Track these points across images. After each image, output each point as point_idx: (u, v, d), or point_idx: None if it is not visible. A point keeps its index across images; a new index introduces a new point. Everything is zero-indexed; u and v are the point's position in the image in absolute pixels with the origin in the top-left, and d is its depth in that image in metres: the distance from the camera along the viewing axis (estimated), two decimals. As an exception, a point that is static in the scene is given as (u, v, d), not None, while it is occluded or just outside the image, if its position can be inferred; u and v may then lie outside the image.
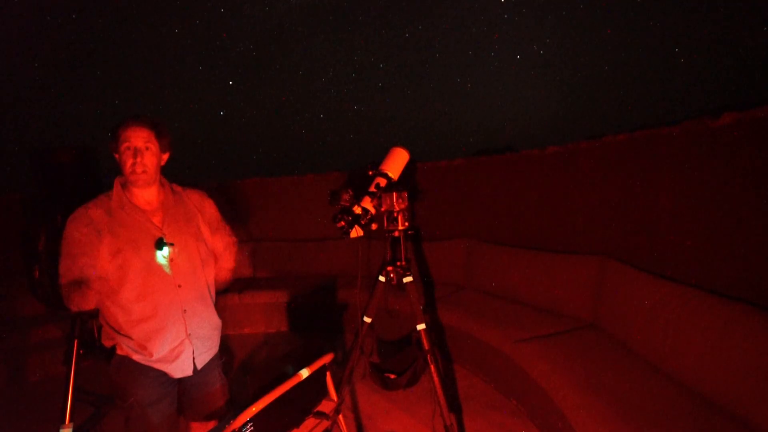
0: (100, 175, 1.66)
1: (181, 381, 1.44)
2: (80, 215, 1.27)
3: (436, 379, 1.70)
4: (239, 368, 3.07)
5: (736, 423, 1.42)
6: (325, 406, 1.68)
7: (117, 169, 1.35)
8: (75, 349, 1.52)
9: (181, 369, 1.39)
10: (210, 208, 1.55)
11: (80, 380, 1.51)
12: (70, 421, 1.44)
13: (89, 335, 1.57)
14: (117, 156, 1.30)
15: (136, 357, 1.33)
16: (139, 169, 1.29)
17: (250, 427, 1.25)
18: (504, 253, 3.12)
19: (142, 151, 1.29)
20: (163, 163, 1.39)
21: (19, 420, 2.45)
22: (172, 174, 1.49)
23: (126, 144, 1.27)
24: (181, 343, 1.37)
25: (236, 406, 1.57)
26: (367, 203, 1.74)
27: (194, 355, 1.42)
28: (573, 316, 2.54)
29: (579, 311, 2.52)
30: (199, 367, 1.44)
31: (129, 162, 1.28)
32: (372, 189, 1.77)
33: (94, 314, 1.51)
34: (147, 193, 1.37)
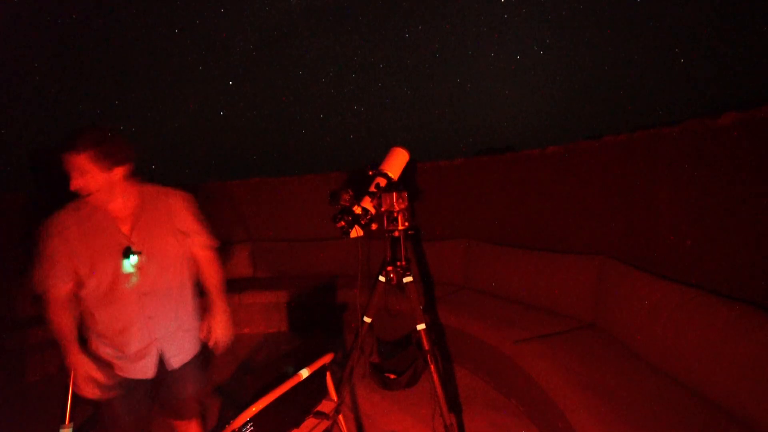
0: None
1: (154, 379, 1.43)
2: (52, 224, 1.29)
3: (436, 379, 1.70)
4: (239, 368, 3.06)
5: (736, 423, 1.42)
6: (325, 406, 1.68)
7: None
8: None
9: (141, 371, 1.38)
10: (185, 212, 1.49)
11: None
12: (70, 421, 1.44)
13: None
14: None
15: (102, 352, 1.35)
16: (84, 193, 1.26)
17: (250, 427, 1.26)
18: (504, 253, 3.12)
19: (81, 176, 1.24)
20: (119, 176, 1.30)
21: (19, 420, 2.44)
22: (172, 174, 1.49)
23: (68, 170, 1.24)
24: (147, 346, 1.37)
25: (236, 406, 1.57)
26: (367, 203, 1.74)
27: (166, 356, 1.42)
28: (573, 316, 2.54)
29: (579, 311, 2.52)
30: (176, 366, 1.44)
31: (74, 186, 1.24)
32: (372, 189, 1.77)
33: None
34: (115, 204, 1.34)
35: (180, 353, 1.45)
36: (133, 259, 1.31)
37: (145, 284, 1.35)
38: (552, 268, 2.72)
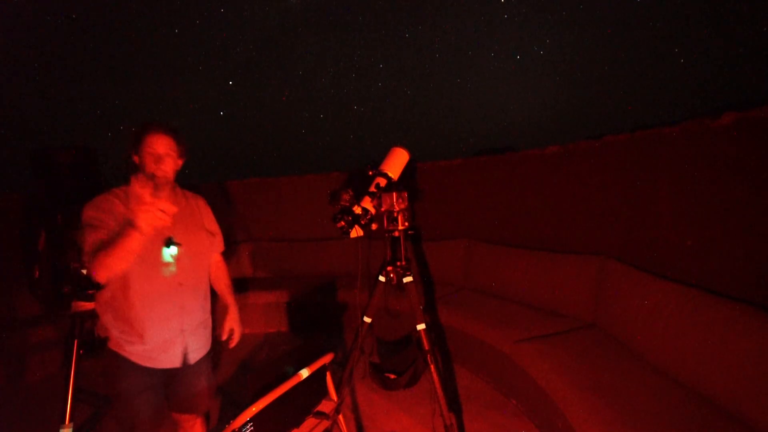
0: (100, 175, 1.67)
1: (168, 374, 1.46)
2: (99, 201, 1.32)
3: (436, 379, 1.70)
4: (239, 368, 3.06)
5: (736, 423, 1.42)
6: (325, 406, 1.68)
7: (118, 169, 1.41)
8: (75, 349, 1.52)
9: (170, 360, 1.42)
10: (210, 214, 1.63)
11: (80, 380, 1.51)
12: (70, 421, 1.44)
13: (89, 335, 1.57)
14: (136, 158, 1.37)
15: (126, 347, 1.37)
16: (160, 174, 1.37)
17: (250, 427, 1.26)
18: (504, 253, 3.12)
19: (164, 157, 1.37)
20: (178, 168, 1.46)
21: (19, 420, 2.44)
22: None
23: (149, 149, 1.34)
24: (174, 336, 1.41)
25: (236, 406, 1.57)
26: (367, 203, 1.74)
27: (188, 350, 1.45)
28: (573, 316, 2.54)
29: (579, 311, 2.52)
30: (191, 362, 1.47)
31: (152, 166, 1.35)
32: (372, 189, 1.77)
33: (93, 314, 1.52)
34: (161, 194, 1.43)
35: (199, 348, 1.51)
36: (174, 249, 1.36)
37: (181, 275, 1.40)
38: (552, 268, 2.72)
